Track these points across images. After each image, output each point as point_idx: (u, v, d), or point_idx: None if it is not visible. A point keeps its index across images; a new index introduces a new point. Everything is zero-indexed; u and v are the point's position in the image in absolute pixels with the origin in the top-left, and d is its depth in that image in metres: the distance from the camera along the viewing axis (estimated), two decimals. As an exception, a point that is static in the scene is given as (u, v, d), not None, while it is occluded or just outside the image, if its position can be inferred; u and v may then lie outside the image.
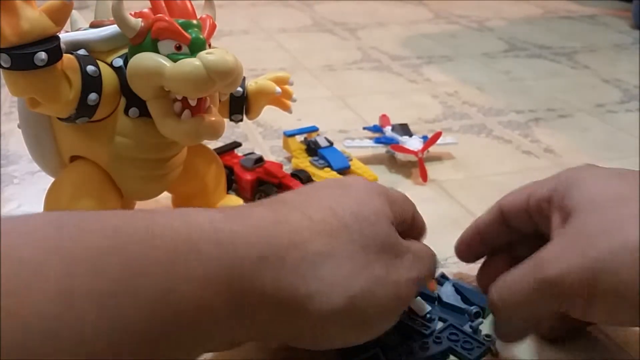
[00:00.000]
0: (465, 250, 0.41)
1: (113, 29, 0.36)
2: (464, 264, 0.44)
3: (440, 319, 0.38)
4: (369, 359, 0.35)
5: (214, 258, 0.24)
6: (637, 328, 0.37)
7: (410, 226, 0.35)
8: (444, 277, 0.42)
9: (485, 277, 0.39)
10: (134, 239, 0.23)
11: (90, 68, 0.35)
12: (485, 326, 0.38)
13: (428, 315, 0.38)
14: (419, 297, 0.39)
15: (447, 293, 0.40)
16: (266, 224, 0.28)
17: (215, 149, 0.52)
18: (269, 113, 0.49)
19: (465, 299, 0.40)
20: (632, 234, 0.28)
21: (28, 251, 0.20)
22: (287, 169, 0.56)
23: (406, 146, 0.57)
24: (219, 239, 0.25)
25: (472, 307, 0.38)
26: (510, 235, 0.38)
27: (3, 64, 0.31)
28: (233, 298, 0.25)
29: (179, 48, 0.35)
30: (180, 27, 0.34)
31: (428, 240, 0.47)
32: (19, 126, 0.40)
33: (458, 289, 0.40)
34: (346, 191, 0.31)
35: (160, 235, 0.23)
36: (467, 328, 0.37)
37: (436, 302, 0.40)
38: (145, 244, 0.23)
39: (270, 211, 0.29)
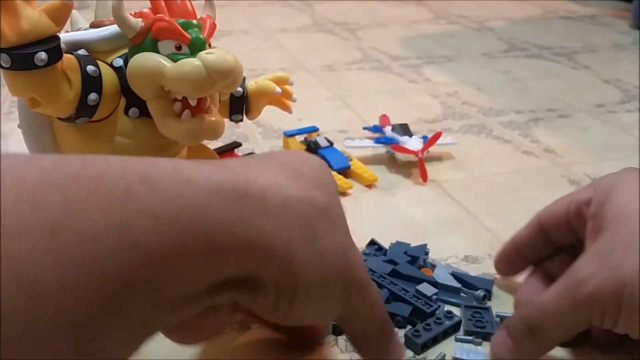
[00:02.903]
0: (505, 266, 0.41)
1: (113, 29, 0.36)
2: (463, 264, 0.44)
3: (450, 303, 0.39)
4: None
5: (175, 194, 0.21)
6: None
7: None
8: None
9: (525, 297, 0.38)
10: (79, 176, 0.20)
11: (90, 68, 0.35)
12: (494, 305, 0.39)
13: (435, 297, 0.38)
14: (425, 282, 0.39)
15: (440, 275, 0.41)
16: (239, 166, 0.25)
17: (216, 149, 0.52)
18: (269, 113, 0.49)
19: (467, 285, 0.40)
20: None
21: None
22: (287, 169, 0.56)
23: (406, 146, 0.57)
24: (182, 176, 0.22)
25: (478, 291, 0.39)
26: (550, 249, 0.38)
27: (3, 64, 0.31)
28: (200, 237, 0.22)
29: (179, 48, 0.35)
30: (180, 27, 0.34)
31: (429, 241, 0.47)
32: (19, 126, 0.40)
33: (457, 277, 0.41)
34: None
35: (110, 174, 0.21)
36: None
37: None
38: (92, 180, 0.20)
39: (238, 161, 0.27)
